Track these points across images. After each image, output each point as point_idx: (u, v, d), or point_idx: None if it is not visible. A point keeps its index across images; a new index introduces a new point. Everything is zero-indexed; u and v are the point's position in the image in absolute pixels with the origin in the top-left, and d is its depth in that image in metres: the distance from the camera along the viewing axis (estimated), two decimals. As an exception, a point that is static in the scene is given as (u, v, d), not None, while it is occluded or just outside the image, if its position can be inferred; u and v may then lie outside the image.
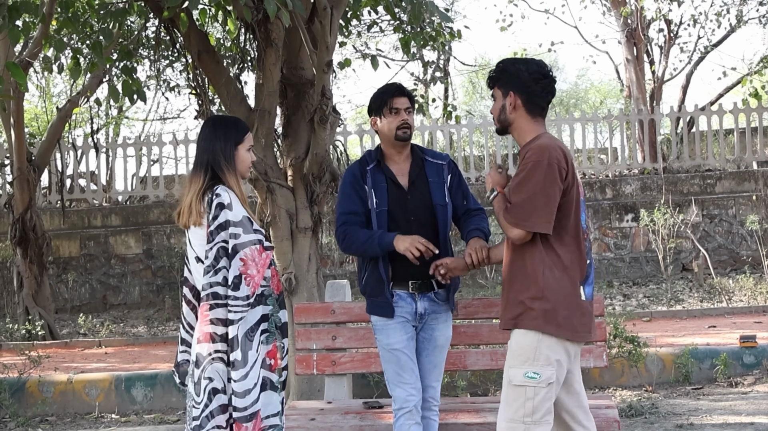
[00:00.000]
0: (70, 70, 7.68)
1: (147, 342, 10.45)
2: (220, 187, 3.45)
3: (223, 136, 3.53)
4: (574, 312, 3.34)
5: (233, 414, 3.42)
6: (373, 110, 4.11)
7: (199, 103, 7.82)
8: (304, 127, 7.07)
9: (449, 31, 8.65)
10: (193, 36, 7.11)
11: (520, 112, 3.46)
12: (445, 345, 4.11)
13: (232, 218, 3.41)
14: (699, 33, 16.86)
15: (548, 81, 3.47)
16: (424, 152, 4.16)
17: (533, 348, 3.33)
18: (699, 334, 8.51)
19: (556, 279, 3.31)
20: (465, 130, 15.22)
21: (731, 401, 6.48)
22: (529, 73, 3.44)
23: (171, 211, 13.38)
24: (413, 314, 4.02)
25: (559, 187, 3.30)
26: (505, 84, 3.48)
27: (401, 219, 4.00)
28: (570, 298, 3.34)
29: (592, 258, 3.45)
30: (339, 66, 8.83)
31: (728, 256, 12.90)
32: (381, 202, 4.02)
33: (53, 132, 11.98)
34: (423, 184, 4.06)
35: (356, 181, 4.08)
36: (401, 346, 3.99)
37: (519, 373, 3.35)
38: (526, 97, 3.44)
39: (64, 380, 7.57)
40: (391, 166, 4.09)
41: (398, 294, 4.02)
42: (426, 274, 3.97)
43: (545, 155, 3.31)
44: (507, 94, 3.47)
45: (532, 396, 3.31)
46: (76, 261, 13.30)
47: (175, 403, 7.36)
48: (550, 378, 3.32)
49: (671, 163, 14.06)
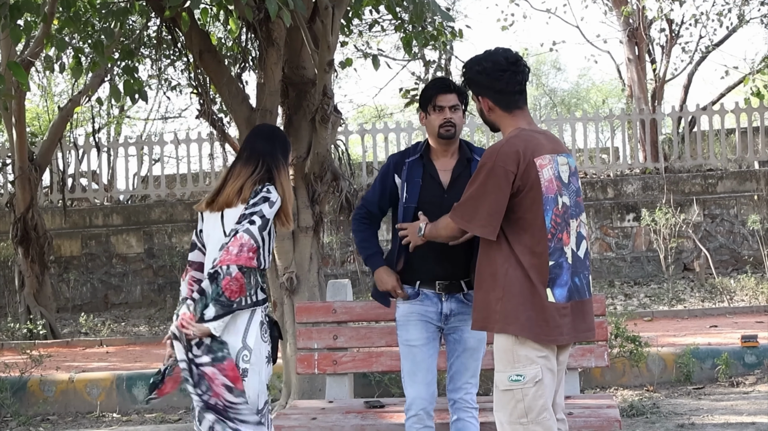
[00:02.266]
0: (72, 70, 7.69)
1: (148, 341, 10.45)
2: (272, 186, 3.67)
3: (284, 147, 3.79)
4: (540, 314, 3.25)
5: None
6: (421, 105, 4.04)
7: (201, 103, 7.82)
8: (306, 126, 7.07)
9: (451, 31, 8.63)
10: (195, 35, 7.10)
11: (497, 111, 3.42)
12: (477, 347, 3.97)
13: (264, 213, 3.58)
14: (701, 32, 16.81)
15: (510, 72, 3.38)
16: (473, 150, 4.05)
17: (510, 350, 3.29)
18: (700, 334, 8.51)
19: (518, 280, 3.26)
20: (467, 129, 15.22)
21: (733, 401, 6.48)
22: (487, 73, 3.38)
23: (172, 210, 13.40)
24: (438, 314, 3.94)
25: (502, 193, 3.26)
26: (474, 90, 3.47)
27: (434, 218, 3.85)
28: (533, 299, 3.25)
29: (565, 257, 3.30)
30: (340, 65, 8.83)
31: (730, 256, 12.90)
32: (411, 197, 3.94)
33: (55, 131, 11.99)
34: (465, 183, 3.84)
35: (389, 171, 4.04)
36: (419, 343, 3.94)
37: (503, 378, 3.31)
38: (494, 96, 3.40)
39: (65, 379, 7.57)
40: (435, 162, 3.99)
41: (425, 293, 3.95)
42: (454, 275, 3.91)
43: (491, 159, 3.29)
44: (478, 99, 3.46)
45: (521, 397, 3.27)
46: (77, 260, 13.30)
47: (176, 402, 7.36)
48: (535, 377, 3.27)
49: (673, 163, 14.06)
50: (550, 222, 3.29)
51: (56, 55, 8.46)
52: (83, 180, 14.74)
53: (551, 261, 3.28)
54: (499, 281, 3.29)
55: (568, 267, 3.31)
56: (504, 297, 3.27)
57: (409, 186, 3.96)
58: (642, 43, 16.41)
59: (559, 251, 3.29)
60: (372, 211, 4.07)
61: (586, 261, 3.40)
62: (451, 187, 3.95)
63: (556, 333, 3.28)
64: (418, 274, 3.94)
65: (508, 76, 3.39)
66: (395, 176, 4.02)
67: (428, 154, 4.02)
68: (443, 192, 3.94)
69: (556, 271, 3.28)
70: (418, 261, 3.92)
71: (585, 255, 3.39)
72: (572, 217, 3.36)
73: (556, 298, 3.28)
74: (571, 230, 3.34)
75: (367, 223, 4.07)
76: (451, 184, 3.95)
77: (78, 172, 14.56)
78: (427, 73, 12.19)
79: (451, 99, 3.96)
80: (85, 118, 16.58)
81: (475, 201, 3.31)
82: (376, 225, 4.10)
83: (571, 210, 3.36)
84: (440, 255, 3.88)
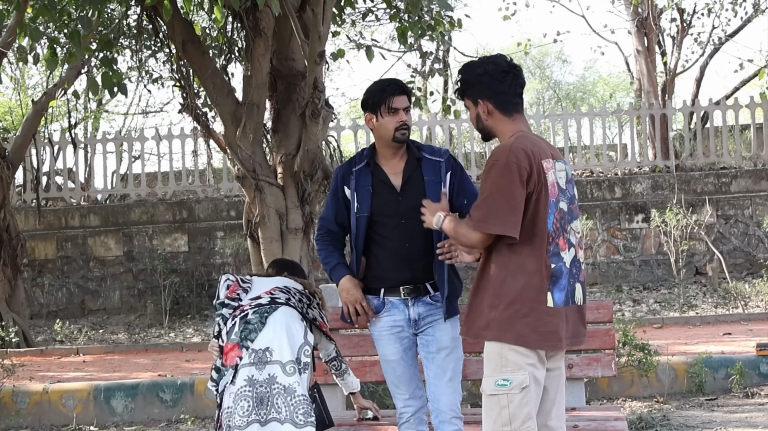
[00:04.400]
0: (47, 61, 7.67)
1: (128, 349, 10.44)
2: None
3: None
4: (539, 319, 3.33)
5: None
6: (369, 107, 4.04)
7: (184, 96, 7.82)
8: (295, 121, 7.08)
9: (449, 20, 8.65)
10: (178, 25, 7.11)
11: (496, 116, 3.50)
12: (451, 346, 4.02)
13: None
14: (713, 23, 16.84)
15: (512, 75, 3.50)
16: (421, 149, 4.11)
17: (499, 354, 3.35)
18: (713, 342, 8.53)
19: (517, 286, 3.32)
20: (465, 124, 15.22)
21: (747, 413, 6.49)
22: (489, 75, 3.48)
23: (153, 210, 13.40)
24: (407, 321, 4.03)
25: (520, 188, 3.31)
26: (472, 93, 3.53)
27: (390, 224, 3.99)
28: (533, 305, 3.33)
29: (563, 261, 3.41)
30: (332, 57, 8.83)
31: (744, 259, 12.93)
32: (363, 206, 4.01)
33: (28, 126, 11.97)
34: (418, 183, 4.01)
35: (338, 185, 4.12)
36: (395, 357, 4.05)
37: (490, 382, 3.37)
38: (495, 99, 3.49)
39: (39, 390, 7.56)
40: (384, 166, 4.06)
41: (391, 302, 4.03)
42: (418, 278, 3.98)
43: (503, 155, 3.33)
44: (477, 103, 3.52)
45: (506, 404, 3.33)
46: (52, 263, 13.28)
47: (157, 414, 7.36)
48: (522, 383, 3.32)
49: (684, 161, 14.09)
50: (551, 226, 3.39)
51: (30, 46, 8.43)
52: (59, 178, 14.72)
53: (552, 264, 3.37)
54: (493, 288, 3.36)
55: (567, 272, 3.42)
56: (499, 305, 3.34)
57: (360, 195, 4.02)
58: (651, 33, 16.44)
59: (557, 255, 3.40)
60: (331, 229, 4.14)
61: (574, 268, 3.47)
62: (404, 189, 4.01)
63: (554, 338, 3.36)
64: (382, 282, 4.03)
65: (510, 78, 3.50)
66: (344, 188, 4.08)
67: (375, 160, 4.07)
68: (397, 196, 4.01)
69: (556, 275, 3.38)
70: (380, 269, 4.01)
71: (574, 261, 3.47)
72: (568, 223, 3.47)
73: (555, 302, 3.37)
74: (568, 236, 3.44)
75: (328, 240, 4.15)
76: (403, 187, 4.01)
77: (53, 169, 14.54)
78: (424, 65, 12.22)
79: (405, 101, 4.02)
80: (61, 112, 16.57)
81: (491, 199, 3.33)
82: (339, 243, 4.17)
83: (567, 216, 3.47)
84: (402, 260, 3.98)
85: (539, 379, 3.38)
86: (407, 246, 3.98)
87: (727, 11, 16.55)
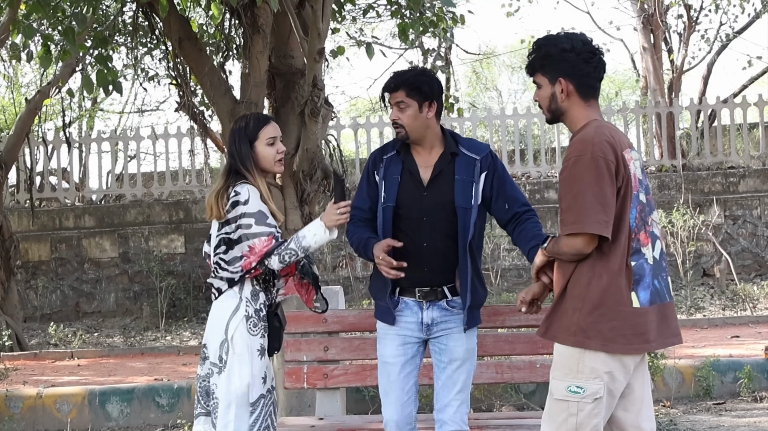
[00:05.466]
0: (40, 59, 7.68)
1: (123, 353, 10.44)
2: (239, 184, 3.78)
3: (238, 139, 3.88)
4: (626, 322, 3.20)
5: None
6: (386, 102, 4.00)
7: (180, 95, 7.82)
8: (294, 120, 7.08)
9: (451, 17, 8.65)
10: (174, 21, 7.11)
11: (573, 98, 3.31)
12: (465, 358, 3.89)
13: (245, 211, 3.73)
14: (721, 19, 16.88)
15: (598, 57, 3.33)
16: (460, 142, 3.94)
17: (576, 359, 3.22)
18: (721, 345, 8.53)
19: (603, 288, 3.19)
20: (468, 123, 15.23)
21: (756, 417, 6.49)
22: (577, 53, 3.29)
23: (149, 211, 13.40)
24: (419, 324, 3.89)
25: (610, 183, 3.16)
26: (552, 70, 3.32)
27: (413, 219, 3.85)
28: (619, 307, 3.20)
29: (644, 258, 3.25)
30: (332, 54, 8.83)
31: (753, 260, 12.92)
32: (389, 196, 3.88)
33: (22, 125, 11.96)
34: (447, 181, 3.85)
35: (369, 171, 4.00)
36: (393, 360, 3.91)
37: (561, 386, 3.25)
38: (578, 81, 3.30)
39: (33, 394, 7.56)
40: (416, 156, 3.92)
41: (404, 302, 3.90)
42: (435, 282, 3.86)
43: (587, 149, 3.17)
44: (555, 81, 3.31)
45: (575, 412, 3.21)
46: (46, 265, 13.28)
47: (153, 419, 7.36)
48: (596, 393, 3.20)
49: (691, 160, 14.09)
50: (633, 221, 3.25)
51: (23, 43, 8.44)
52: (53, 178, 14.73)
53: (633, 262, 3.23)
54: (580, 290, 3.22)
55: (650, 269, 3.28)
56: (584, 307, 3.20)
57: (388, 184, 3.90)
58: (658, 30, 16.45)
59: (638, 252, 3.26)
60: (363, 218, 3.99)
61: (662, 262, 3.35)
62: (430, 185, 3.87)
63: (640, 340, 3.23)
64: (397, 281, 3.86)
65: (597, 60, 3.33)
66: (375, 174, 3.98)
67: (408, 149, 3.94)
68: (422, 190, 3.87)
69: (639, 273, 3.24)
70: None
71: (661, 255, 3.35)
72: (648, 215, 3.33)
73: (641, 302, 3.23)
74: (650, 229, 3.31)
75: (360, 225, 3.98)
76: (431, 182, 3.87)
77: (47, 169, 14.55)
78: (425, 63, 12.21)
79: (398, 96, 3.87)
80: (55, 111, 16.58)
81: (582, 198, 3.15)
82: (371, 227, 3.98)
83: (647, 208, 3.33)
84: (420, 260, 3.83)
85: (614, 391, 3.25)
86: (425, 245, 3.84)
87: (734, 7, 16.58)
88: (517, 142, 14.51)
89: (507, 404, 6.76)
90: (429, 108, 3.87)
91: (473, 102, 25.98)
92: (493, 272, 12.01)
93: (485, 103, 27.79)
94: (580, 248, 3.19)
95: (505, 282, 12.52)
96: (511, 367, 4.77)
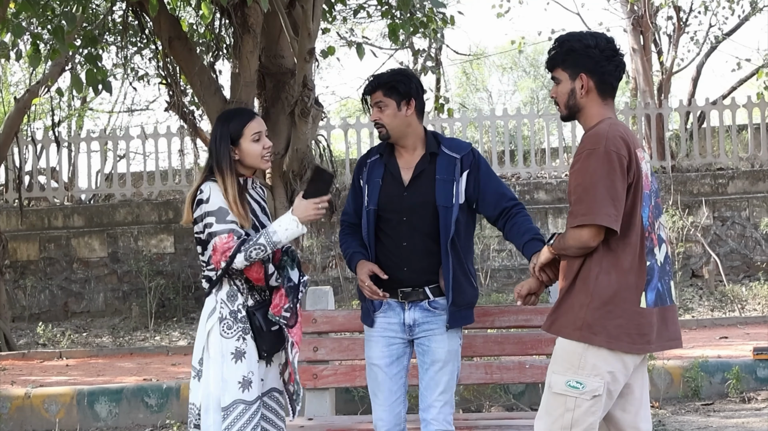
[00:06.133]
0: (30, 58, 7.66)
1: (112, 353, 10.41)
2: (204, 183, 3.75)
3: (219, 136, 3.81)
4: (631, 321, 3.19)
5: None
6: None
7: (170, 94, 7.82)
8: (284, 120, 7.08)
9: (441, 17, 8.67)
10: (164, 21, 7.10)
11: (592, 95, 3.33)
12: (446, 359, 3.89)
13: (207, 209, 3.69)
14: (710, 21, 16.94)
15: (620, 57, 3.36)
16: (442, 142, 3.96)
17: (579, 355, 3.21)
18: (710, 346, 8.55)
19: (611, 285, 3.18)
20: (458, 124, 15.24)
21: (744, 418, 6.51)
22: (601, 50, 3.31)
23: (139, 210, 13.37)
24: (401, 325, 3.91)
25: (621, 178, 3.16)
26: (574, 65, 3.34)
27: (394, 220, 3.88)
28: (626, 305, 3.19)
29: (655, 259, 3.27)
30: (322, 54, 8.84)
31: (741, 262, 12.97)
32: (371, 199, 3.91)
33: (10, 125, 11.93)
34: (428, 181, 3.87)
35: (355, 177, 4.05)
36: (379, 362, 3.93)
37: (560, 380, 3.23)
38: (599, 78, 3.32)
39: (21, 394, 7.53)
40: (398, 158, 3.95)
41: (387, 303, 3.92)
42: (416, 282, 3.87)
43: (600, 143, 3.18)
44: (576, 77, 3.33)
45: (572, 407, 3.20)
46: (34, 265, 13.23)
47: (142, 420, 7.34)
48: (596, 391, 3.19)
49: (680, 161, 14.13)
50: (647, 220, 3.25)
51: (12, 42, 8.43)
52: (41, 177, 14.68)
53: (647, 262, 3.24)
54: (586, 285, 3.21)
55: (658, 270, 3.29)
56: (591, 303, 3.20)
57: (370, 187, 3.93)
58: (647, 31, 16.50)
59: (651, 252, 3.27)
60: (352, 222, 4.04)
61: (667, 265, 3.36)
62: (411, 184, 3.89)
63: (643, 341, 3.22)
64: (378, 282, 3.88)
65: (618, 61, 3.35)
66: (359, 179, 4.02)
67: (391, 151, 3.97)
68: (403, 191, 3.89)
69: (650, 273, 3.25)
70: (379, 267, 3.88)
71: (666, 259, 3.35)
72: (656, 218, 3.34)
73: (648, 302, 3.24)
74: (659, 232, 3.32)
75: (349, 233, 4.04)
76: (411, 182, 3.89)
77: (36, 168, 14.50)
78: (416, 63, 12.23)
79: (376, 96, 3.91)
80: (44, 110, 16.53)
81: (593, 190, 3.15)
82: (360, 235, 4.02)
83: (656, 211, 3.35)
84: (399, 260, 3.87)
85: (613, 391, 3.24)
86: (405, 245, 3.86)
87: (724, 9, 16.65)
88: (507, 143, 14.52)
89: (496, 404, 6.76)
90: (407, 106, 3.90)
91: (463, 102, 26.01)
92: (483, 273, 12.02)
93: (475, 104, 27.85)
94: (586, 240, 3.18)
95: (494, 283, 12.53)
96: (500, 368, 4.78)
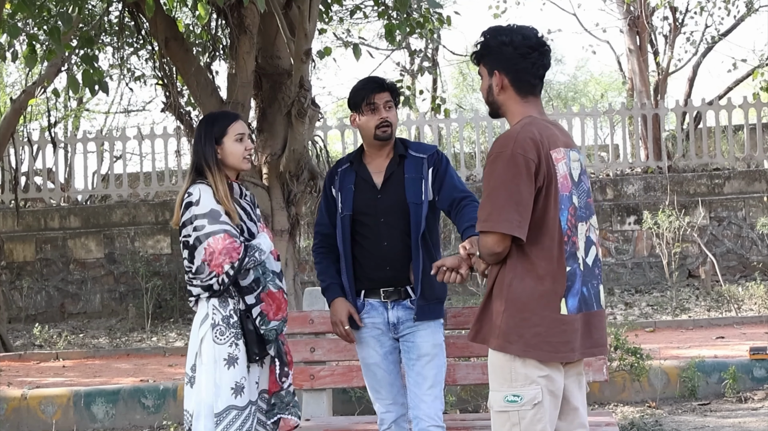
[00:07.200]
0: (26, 58, 7.64)
1: (109, 354, 10.40)
2: (193, 186, 3.76)
3: (203, 135, 3.84)
4: (551, 328, 3.09)
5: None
6: (352, 106, 4.09)
7: (167, 95, 7.81)
8: (281, 121, 7.08)
9: (438, 18, 8.66)
10: (160, 21, 7.09)
11: (509, 92, 3.23)
12: (432, 353, 3.96)
13: (197, 212, 3.69)
14: (706, 21, 16.94)
15: (538, 53, 3.21)
16: (408, 146, 4.10)
17: (508, 367, 3.13)
18: (706, 346, 8.56)
19: (525, 291, 3.09)
20: (455, 124, 15.25)
21: (740, 418, 6.52)
22: (515, 47, 3.19)
23: (135, 211, 13.35)
24: (386, 324, 4.02)
25: (527, 182, 3.05)
26: (490, 61, 3.24)
27: (371, 223, 4.00)
28: (544, 313, 3.09)
29: (578, 263, 3.16)
30: (318, 55, 8.83)
31: (737, 262, 12.99)
32: (345, 206, 4.03)
33: (7, 125, 11.91)
34: (398, 181, 4.01)
35: (326, 187, 4.16)
36: (375, 361, 4.05)
37: (498, 398, 3.15)
38: (513, 75, 3.21)
39: (17, 396, 7.52)
40: (369, 165, 4.08)
41: (370, 303, 4.03)
42: (399, 281, 3.98)
43: (507, 146, 3.08)
44: (492, 74, 3.24)
45: (517, 421, 3.12)
46: (31, 266, 13.22)
47: (138, 421, 7.33)
48: (534, 399, 3.10)
49: (676, 162, 14.14)
50: (566, 223, 3.15)
51: (8, 42, 8.41)
52: (38, 178, 14.65)
53: (567, 268, 3.14)
54: (502, 291, 3.13)
55: (580, 275, 3.18)
56: (506, 310, 3.11)
57: (343, 194, 4.04)
58: (644, 32, 16.51)
59: (573, 256, 3.16)
60: (326, 233, 4.14)
61: (596, 269, 3.27)
62: (384, 187, 4.02)
63: (566, 349, 3.14)
64: (362, 283, 4.03)
65: (536, 57, 3.22)
66: (331, 189, 4.12)
67: (361, 159, 4.10)
68: (377, 193, 4.02)
69: (571, 279, 3.16)
70: (360, 269, 4.02)
71: (594, 262, 3.26)
72: (581, 220, 3.23)
73: (569, 309, 3.14)
74: (580, 234, 3.21)
75: (323, 252, 4.14)
76: (383, 184, 4.02)
77: (32, 169, 14.48)
78: (412, 64, 12.22)
79: (385, 96, 4.03)
80: (40, 111, 16.48)
81: (495, 195, 3.07)
82: (335, 253, 4.11)
83: (581, 212, 3.24)
84: (381, 260, 3.98)
85: (556, 391, 3.16)
86: (386, 245, 3.98)
87: (720, 10, 16.65)
88: (503, 144, 14.49)
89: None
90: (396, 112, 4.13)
91: (460, 103, 26.00)
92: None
93: (472, 104, 27.83)
94: (491, 247, 3.10)
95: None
96: (497, 368, 4.77)
